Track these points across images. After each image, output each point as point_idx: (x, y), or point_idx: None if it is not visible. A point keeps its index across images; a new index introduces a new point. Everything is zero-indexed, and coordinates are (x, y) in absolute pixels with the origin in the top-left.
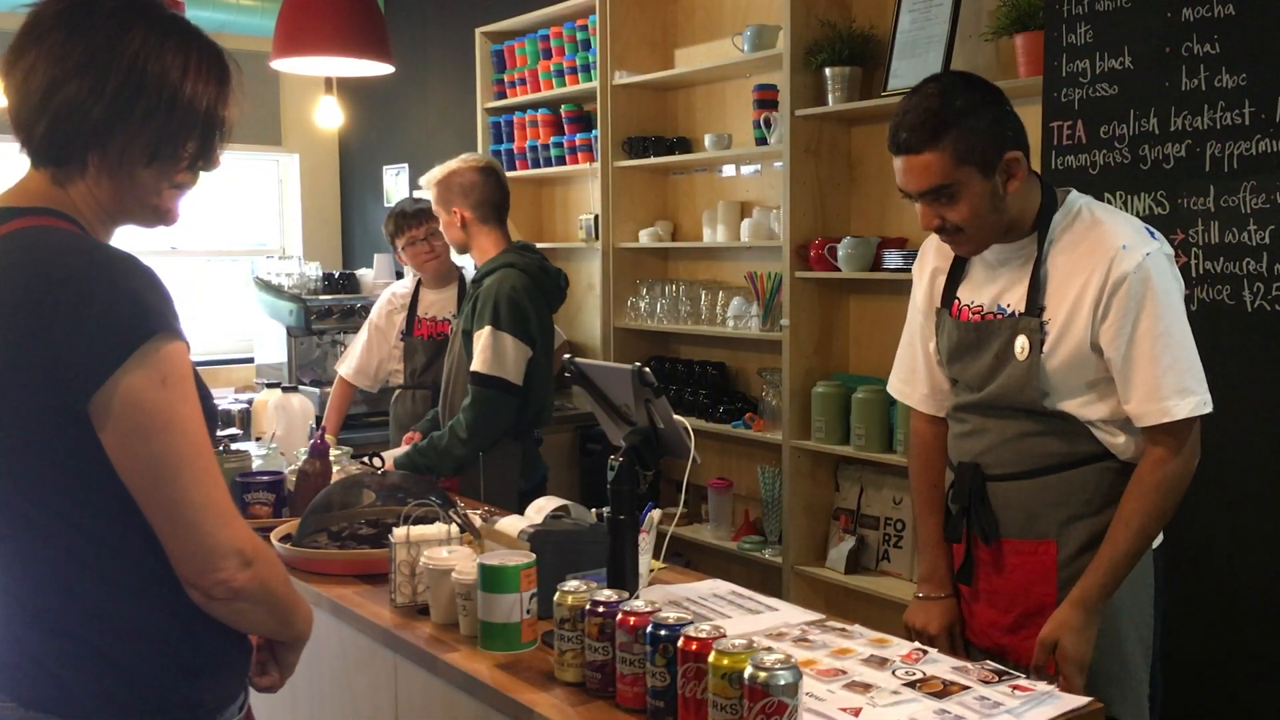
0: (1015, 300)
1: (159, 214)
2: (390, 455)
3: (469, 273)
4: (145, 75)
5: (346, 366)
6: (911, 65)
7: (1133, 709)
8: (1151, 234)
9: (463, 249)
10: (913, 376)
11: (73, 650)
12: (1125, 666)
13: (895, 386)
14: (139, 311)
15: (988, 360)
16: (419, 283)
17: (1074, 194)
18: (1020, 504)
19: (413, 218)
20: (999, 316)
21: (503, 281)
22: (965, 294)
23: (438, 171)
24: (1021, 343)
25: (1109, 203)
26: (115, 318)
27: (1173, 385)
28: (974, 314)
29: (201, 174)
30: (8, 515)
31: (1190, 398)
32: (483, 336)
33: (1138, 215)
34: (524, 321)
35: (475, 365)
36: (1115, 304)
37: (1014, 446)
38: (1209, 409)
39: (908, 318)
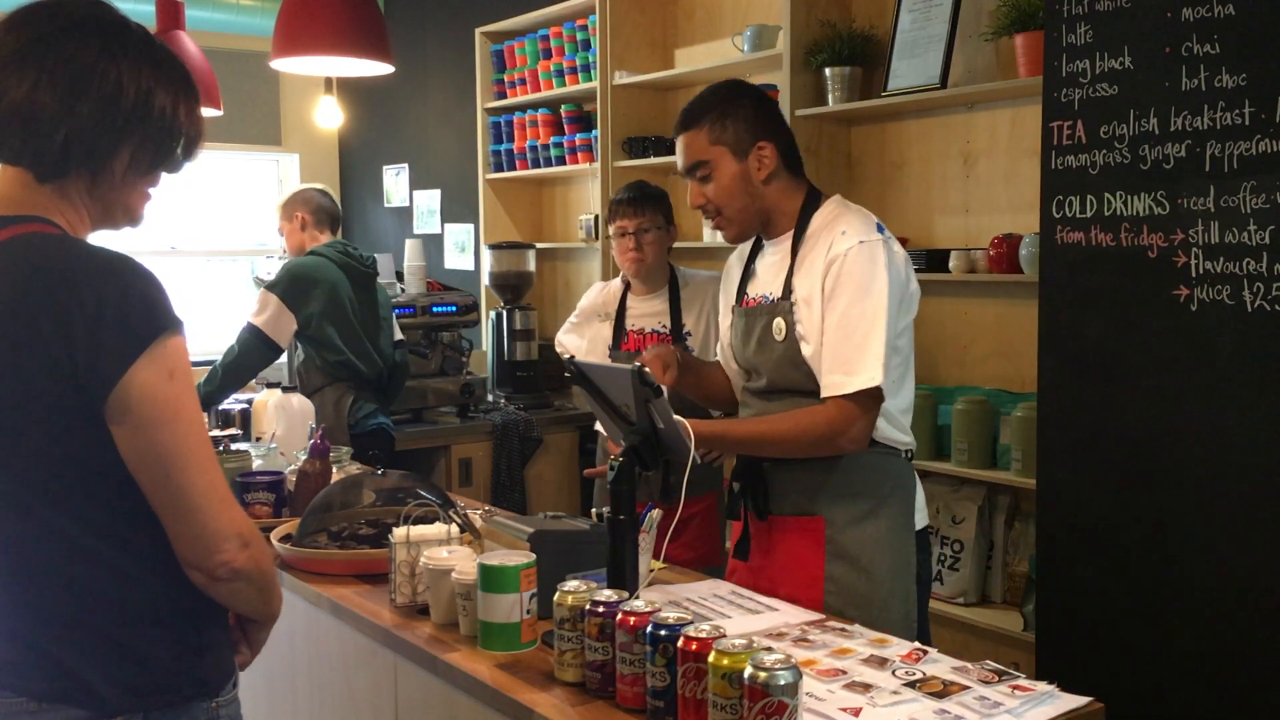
0: (775, 288)
1: (134, 217)
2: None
3: (683, 276)
4: (149, 97)
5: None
6: (911, 65)
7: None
8: (880, 229)
9: (298, 251)
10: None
11: (86, 641)
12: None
13: None
14: (149, 310)
15: (754, 344)
16: (627, 287)
17: (836, 197)
18: (793, 483)
19: (629, 205)
20: (762, 303)
21: (296, 260)
22: (751, 289)
23: (287, 193)
24: (778, 324)
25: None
26: (129, 317)
27: (846, 363)
28: (750, 304)
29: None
30: (16, 513)
31: (855, 375)
32: (259, 295)
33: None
34: (301, 293)
35: (249, 315)
36: (828, 281)
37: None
38: (870, 385)
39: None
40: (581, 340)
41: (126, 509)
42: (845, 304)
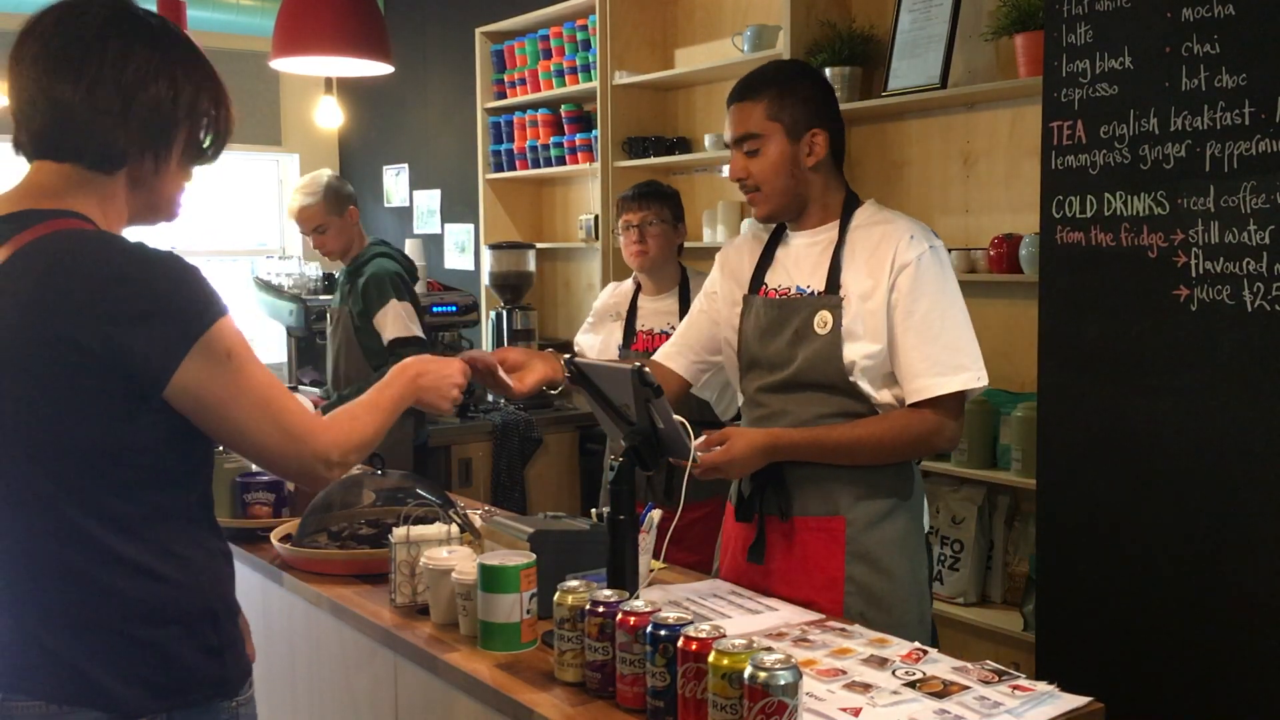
0: (816, 282)
1: (174, 209)
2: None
3: (695, 276)
4: (198, 91)
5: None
6: (911, 65)
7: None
8: (934, 235)
9: (348, 248)
10: (674, 340)
11: (104, 642)
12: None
13: (660, 351)
14: (196, 301)
15: (788, 336)
16: (639, 287)
17: (873, 200)
18: (814, 482)
19: (633, 199)
20: (801, 296)
21: (384, 266)
22: (771, 280)
23: (315, 186)
24: (823, 318)
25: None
26: (179, 311)
27: (942, 365)
28: (779, 295)
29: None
30: (37, 511)
31: (959, 374)
32: (389, 310)
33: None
34: (410, 291)
35: (392, 334)
36: (900, 284)
37: (811, 427)
38: (980, 384)
39: (696, 300)
40: (597, 339)
41: (153, 504)
42: (926, 308)
